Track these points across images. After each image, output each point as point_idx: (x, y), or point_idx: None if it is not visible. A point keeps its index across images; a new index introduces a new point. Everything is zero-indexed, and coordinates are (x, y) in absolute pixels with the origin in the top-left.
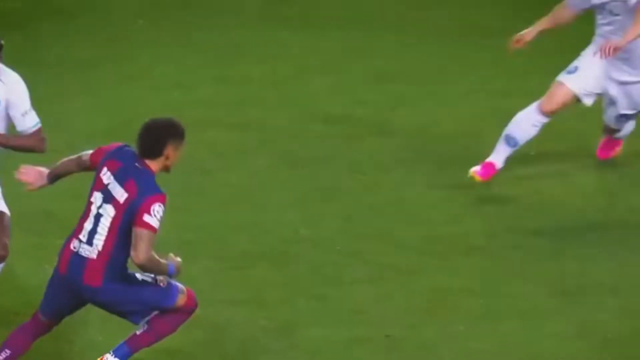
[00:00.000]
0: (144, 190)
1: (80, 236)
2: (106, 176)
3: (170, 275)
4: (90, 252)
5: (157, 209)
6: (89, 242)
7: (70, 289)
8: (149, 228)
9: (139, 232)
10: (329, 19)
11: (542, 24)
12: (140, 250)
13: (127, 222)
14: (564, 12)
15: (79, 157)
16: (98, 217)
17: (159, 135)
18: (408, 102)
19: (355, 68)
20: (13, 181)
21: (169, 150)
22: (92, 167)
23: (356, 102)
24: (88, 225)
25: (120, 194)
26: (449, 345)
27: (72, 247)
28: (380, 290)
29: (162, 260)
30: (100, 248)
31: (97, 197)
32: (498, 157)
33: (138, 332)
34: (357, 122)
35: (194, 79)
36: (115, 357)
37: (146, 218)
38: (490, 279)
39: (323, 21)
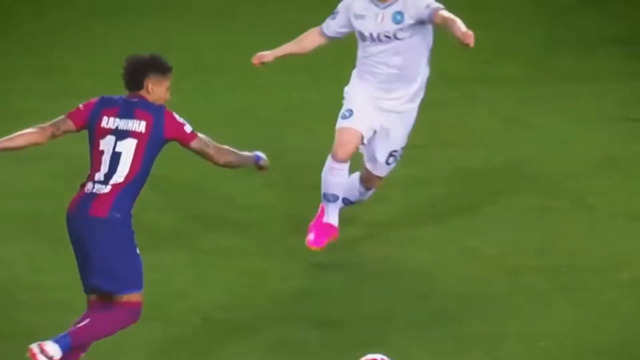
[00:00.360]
0: (155, 110)
1: (96, 179)
2: (110, 122)
3: (257, 162)
4: (105, 188)
5: (178, 116)
6: (105, 182)
7: (76, 231)
8: (196, 135)
9: (196, 144)
10: (146, 9)
11: (287, 49)
12: (215, 152)
13: (153, 146)
14: (314, 39)
15: (56, 126)
16: (116, 156)
17: (138, 68)
18: (223, 91)
19: (170, 58)
20: None
21: (150, 83)
22: (77, 127)
23: (172, 91)
24: (103, 170)
25: (137, 125)
26: (266, 329)
27: (86, 190)
28: (199, 273)
29: (244, 152)
30: (120, 180)
31: (106, 142)
32: (331, 217)
33: (80, 324)
34: (172, 110)
35: (13, 69)
36: (56, 344)
37: (187, 129)
38: (306, 261)
39: (140, 12)
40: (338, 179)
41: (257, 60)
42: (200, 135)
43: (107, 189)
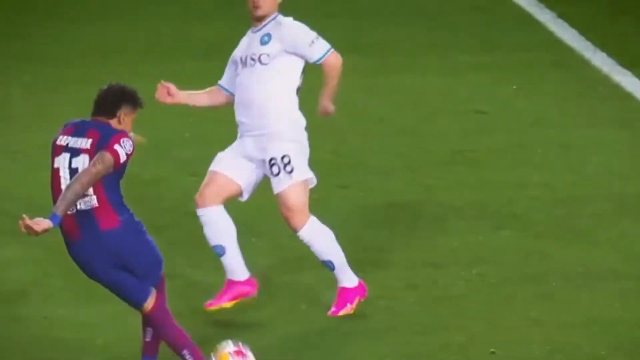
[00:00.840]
0: (107, 132)
1: None
2: (63, 140)
3: (55, 221)
4: (90, 201)
5: (125, 142)
6: (85, 195)
7: (91, 255)
8: (113, 154)
9: (102, 153)
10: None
11: (199, 99)
12: (92, 168)
13: None
14: (218, 94)
15: None
16: (74, 172)
17: (114, 96)
18: (68, 83)
19: (10, 51)
20: None
21: (122, 113)
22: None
23: (13, 83)
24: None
25: (85, 142)
26: (110, 325)
27: (69, 213)
28: (39, 270)
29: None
30: (96, 195)
31: (61, 159)
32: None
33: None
34: (14, 102)
35: None
36: None
37: (116, 147)
38: (182, 257)
39: None
40: (211, 227)
41: (169, 97)
42: (109, 158)
43: (94, 200)
